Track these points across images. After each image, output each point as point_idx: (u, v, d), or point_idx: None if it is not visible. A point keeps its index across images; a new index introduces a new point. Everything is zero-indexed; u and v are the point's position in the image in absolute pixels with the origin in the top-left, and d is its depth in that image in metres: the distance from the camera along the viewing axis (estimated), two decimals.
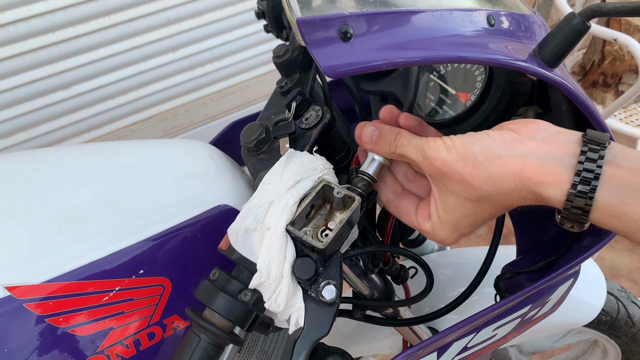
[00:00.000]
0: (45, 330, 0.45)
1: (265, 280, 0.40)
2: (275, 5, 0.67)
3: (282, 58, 0.59)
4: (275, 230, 0.41)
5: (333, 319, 0.42)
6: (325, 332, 0.42)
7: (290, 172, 0.44)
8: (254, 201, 0.43)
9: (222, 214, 0.55)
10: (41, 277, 0.46)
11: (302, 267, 0.41)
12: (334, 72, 0.36)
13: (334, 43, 0.36)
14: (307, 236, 0.41)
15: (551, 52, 0.43)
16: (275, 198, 0.42)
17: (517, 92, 0.57)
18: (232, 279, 0.43)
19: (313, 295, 0.42)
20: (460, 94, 0.57)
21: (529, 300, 0.59)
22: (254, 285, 0.41)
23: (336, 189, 0.43)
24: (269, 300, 0.41)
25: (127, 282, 0.49)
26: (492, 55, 0.40)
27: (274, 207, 0.42)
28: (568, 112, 0.49)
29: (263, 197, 0.43)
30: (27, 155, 0.61)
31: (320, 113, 0.52)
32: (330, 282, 0.42)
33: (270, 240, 0.41)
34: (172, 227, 0.52)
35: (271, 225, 0.41)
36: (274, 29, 0.71)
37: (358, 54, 0.36)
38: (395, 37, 0.38)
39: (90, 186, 0.53)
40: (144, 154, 0.60)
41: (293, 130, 0.50)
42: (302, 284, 0.42)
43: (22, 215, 0.49)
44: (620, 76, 1.91)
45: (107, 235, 0.50)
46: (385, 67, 0.37)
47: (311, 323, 0.41)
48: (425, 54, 0.38)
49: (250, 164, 0.53)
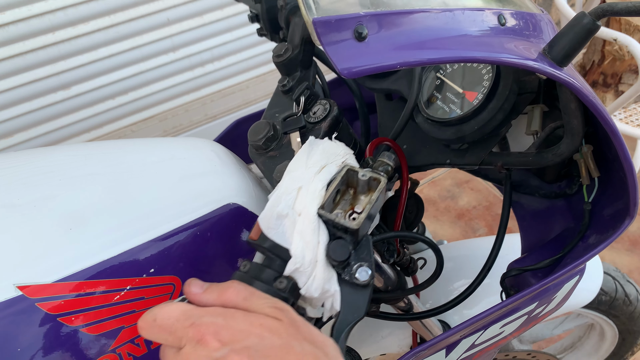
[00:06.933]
0: (57, 329, 0.45)
1: (301, 266, 0.40)
2: (269, 7, 0.68)
3: (283, 57, 0.60)
4: (306, 215, 0.41)
5: (368, 301, 0.42)
6: (361, 314, 0.41)
7: (315, 158, 0.44)
8: (282, 189, 0.43)
9: (231, 212, 0.55)
10: (52, 276, 0.46)
11: (336, 249, 0.41)
12: (349, 73, 0.36)
13: (349, 43, 0.36)
14: (339, 218, 0.41)
15: (561, 52, 0.43)
16: (304, 184, 0.42)
17: (523, 91, 0.57)
18: (264, 267, 0.42)
19: (347, 278, 0.41)
20: (468, 92, 0.58)
21: (536, 297, 0.59)
22: (289, 271, 0.41)
23: (361, 172, 0.43)
24: (304, 285, 0.41)
25: (138, 281, 0.49)
26: (504, 55, 0.41)
27: (302, 192, 0.42)
28: (577, 111, 0.50)
29: (291, 183, 0.43)
30: (33, 153, 0.61)
31: (327, 106, 0.52)
32: (363, 264, 0.41)
33: (302, 225, 0.40)
34: (182, 225, 0.52)
35: (302, 210, 0.41)
36: (268, 32, 0.71)
37: (373, 54, 0.37)
38: (409, 37, 0.38)
39: (99, 185, 0.53)
40: (151, 153, 0.60)
41: (303, 124, 0.50)
42: (336, 267, 0.42)
43: (32, 214, 0.49)
44: (620, 76, 1.92)
45: (116, 234, 0.50)
46: (399, 67, 0.37)
47: (347, 307, 0.41)
48: (440, 54, 0.39)
49: (260, 162, 0.54)
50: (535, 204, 0.70)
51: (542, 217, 0.69)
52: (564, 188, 0.66)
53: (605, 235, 0.58)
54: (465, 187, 1.97)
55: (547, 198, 0.68)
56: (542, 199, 0.69)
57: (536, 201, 0.70)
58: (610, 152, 0.57)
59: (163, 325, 0.37)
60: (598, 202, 0.61)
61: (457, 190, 1.97)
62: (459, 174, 2.02)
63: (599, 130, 0.56)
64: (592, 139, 0.58)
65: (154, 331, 0.37)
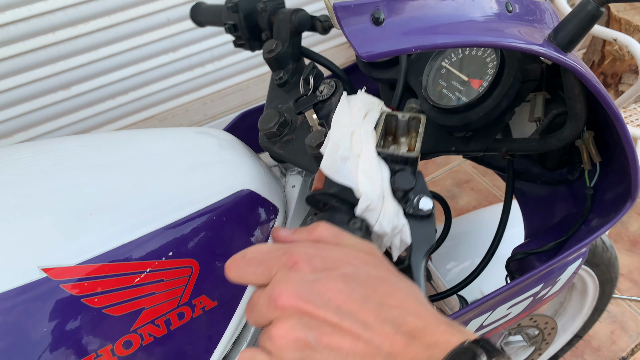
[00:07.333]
0: (81, 310, 0.47)
1: (371, 203, 0.41)
2: (247, 15, 0.71)
3: (275, 51, 0.63)
4: (367, 154, 0.42)
5: (435, 229, 0.43)
6: (433, 241, 0.43)
7: (357, 106, 0.45)
8: (335, 137, 0.44)
9: (245, 197, 0.56)
10: (75, 259, 0.47)
11: (402, 179, 0.42)
12: (369, 56, 0.38)
13: (367, 27, 0.38)
14: (397, 151, 0.42)
15: (566, 37, 0.45)
16: (355, 129, 0.44)
17: (527, 79, 0.59)
18: (335, 213, 0.43)
19: (410, 212, 0.43)
20: (473, 80, 0.59)
21: (541, 279, 0.61)
22: (360, 210, 0.41)
23: (399, 114, 0.44)
24: (377, 222, 0.41)
25: (157, 263, 0.50)
26: (512, 40, 0.43)
27: (356, 136, 0.43)
28: (580, 96, 0.52)
29: (342, 130, 0.44)
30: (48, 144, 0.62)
31: (333, 84, 0.55)
32: (422, 195, 0.43)
33: (365, 164, 0.41)
34: (198, 211, 0.53)
35: (360, 151, 0.42)
36: (247, 41, 0.74)
37: (389, 39, 0.39)
38: (422, 22, 0.40)
39: (116, 172, 0.55)
40: (165, 142, 0.62)
41: (317, 101, 0.52)
42: (400, 201, 0.42)
43: (53, 200, 0.51)
44: (620, 76, 1.92)
45: (135, 219, 0.51)
46: (414, 51, 0.39)
47: (417, 238, 0.42)
48: (452, 39, 0.40)
49: (277, 148, 0.55)
50: (537, 191, 0.72)
51: (544, 203, 0.71)
52: (566, 175, 0.68)
53: (607, 218, 0.60)
54: (465, 187, 1.99)
55: (549, 185, 0.70)
56: (544, 186, 0.71)
57: (538, 188, 0.72)
58: (611, 138, 0.59)
59: (253, 259, 0.36)
60: (599, 186, 0.63)
61: (457, 190, 1.99)
62: (459, 174, 2.04)
63: (600, 117, 0.59)
64: (593, 126, 0.61)
65: (242, 266, 0.36)
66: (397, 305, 0.32)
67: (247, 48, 0.76)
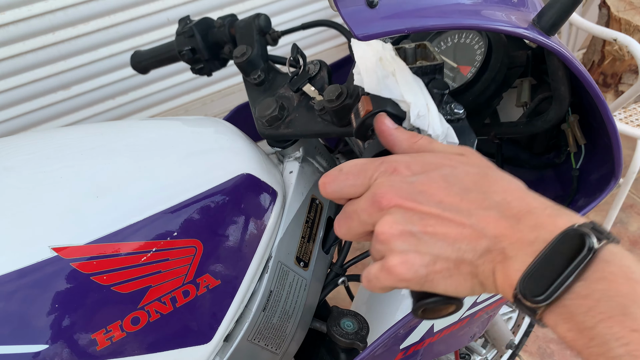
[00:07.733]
0: (91, 288, 0.49)
1: (420, 110, 0.43)
2: (204, 35, 0.75)
3: (247, 54, 0.67)
4: (401, 69, 0.45)
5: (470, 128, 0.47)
6: (474, 137, 0.46)
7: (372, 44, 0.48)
8: (365, 65, 0.47)
9: (245, 181, 0.59)
10: (85, 239, 0.49)
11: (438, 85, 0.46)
12: (364, 37, 0.41)
13: (362, 9, 0.41)
14: (425, 62, 0.46)
15: (549, 21, 0.48)
16: (380, 54, 0.47)
17: (513, 65, 0.62)
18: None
19: (449, 117, 0.46)
20: (462, 67, 0.62)
21: None
22: (414, 117, 0.43)
23: (406, 45, 0.49)
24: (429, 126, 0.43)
25: (162, 243, 0.52)
26: (499, 23, 0.45)
27: (384, 59, 0.46)
28: (564, 78, 0.54)
29: (370, 59, 0.47)
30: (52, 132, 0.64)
31: (317, 62, 0.59)
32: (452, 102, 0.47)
33: (403, 78, 0.44)
34: (200, 193, 0.56)
35: (394, 69, 0.45)
36: (205, 63, 0.78)
37: (383, 20, 0.41)
38: (414, 5, 0.43)
39: (119, 157, 0.57)
40: (166, 129, 0.64)
41: (312, 75, 0.56)
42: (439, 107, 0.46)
43: (60, 184, 0.53)
44: (620, 76, 1.91)
45: (140, 202, 0.53)
46: (406, 32, 0.42)
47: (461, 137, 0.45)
48: (441, 21, 0.43)
49: (283, 129, 0.59)
50: (526, 175, 0.75)
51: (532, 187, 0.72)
52: (553, 158, 0.70)
53: (592, 198, 0.62)
54: None
55: (537, 169, 0.73)
56: (533, 171, 0.74)
57: (527, 173, 0.75)
58: (595, 120, 0.61)
59: (351, 171, 0.36)
60: (585, 168, 0.65)
61: None
62: None
63: (585, 101, 0.61)
64: (578, 110, 0.63)
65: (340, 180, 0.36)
66: (500, 192, 0.33)
67: (205, 72, 0.80)
